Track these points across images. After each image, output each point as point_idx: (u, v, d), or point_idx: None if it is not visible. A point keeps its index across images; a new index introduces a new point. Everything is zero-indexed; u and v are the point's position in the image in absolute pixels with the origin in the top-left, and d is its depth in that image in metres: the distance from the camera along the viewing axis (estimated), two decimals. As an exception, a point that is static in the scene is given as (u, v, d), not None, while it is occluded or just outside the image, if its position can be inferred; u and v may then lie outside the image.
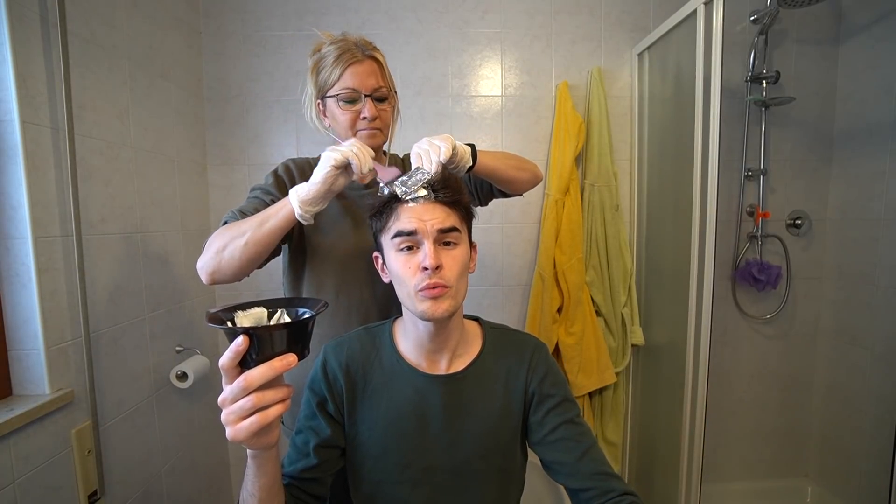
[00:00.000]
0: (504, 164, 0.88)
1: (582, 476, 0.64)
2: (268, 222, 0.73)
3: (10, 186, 0.91)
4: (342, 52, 0.85)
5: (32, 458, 0.92)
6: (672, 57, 1.47)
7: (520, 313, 1.75)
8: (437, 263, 0.62)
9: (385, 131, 0.92)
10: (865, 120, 1.63)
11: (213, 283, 0.77)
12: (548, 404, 0.71)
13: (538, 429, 0.71)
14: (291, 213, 0.72)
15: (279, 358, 0.43)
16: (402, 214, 0.65)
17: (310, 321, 0.47)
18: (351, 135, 0.88)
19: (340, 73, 0.85)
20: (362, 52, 0.86)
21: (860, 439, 1.62)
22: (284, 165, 0.94)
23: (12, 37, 0.88)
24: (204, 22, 1.61)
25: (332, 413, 0.71)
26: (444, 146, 0.71)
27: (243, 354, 0.43)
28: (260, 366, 0.43)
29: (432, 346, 0.70)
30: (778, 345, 1.81)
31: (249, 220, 0.75)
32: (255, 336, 0.43)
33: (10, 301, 0.94)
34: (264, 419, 0.43)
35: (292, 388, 0.48)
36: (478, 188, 1.00)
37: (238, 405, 0.43)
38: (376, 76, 0.88)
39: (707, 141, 1.24)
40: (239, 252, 0.73)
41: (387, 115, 0.91)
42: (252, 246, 0.73)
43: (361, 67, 0.86)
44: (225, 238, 0.75)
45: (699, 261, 1.29)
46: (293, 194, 0.72)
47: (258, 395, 0.43)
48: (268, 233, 0.73)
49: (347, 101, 0.86)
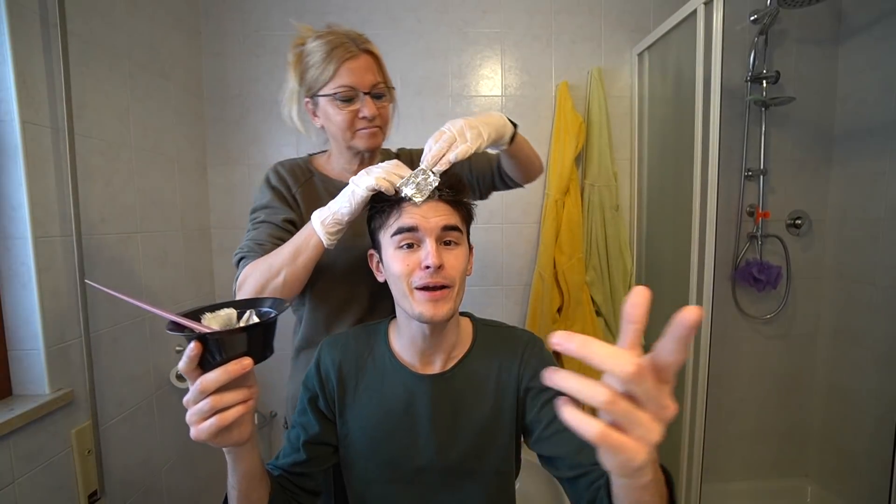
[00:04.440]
0: (527, 149, 0.89)
1: (583, 466, 0.62)
2: (300, 256, 0.72)
3: (10, 186, 0.91)
4: (334, 48, 0.79)
5: (32, 458, 0.92)
6: (672, 57, 1.47)
7: (520, 313, 1.75)
8: (439, 262, 0.61)
9: (385, 129, 0.88)
10: (865, 120, 1.63)
11: None
12: (543, 397, 0.69)
13: (535, 425, 0.69)
14: (320, 242, 0.71)
15: (235, 362, 0.44)
16: (405, 212, 0.64)
17: (263, 325, 0.47)
18: (349, 135, 0.83)
19: (335, 69, 0.79)
20: (357, 47, 0.80)
21: (860, 439, 1.62)
22: (275, 173, 0.89)
23: (12, 37, 0.88)
24: (204, 22, 1.61)
25: (323, 410, 0.71)
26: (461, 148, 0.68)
27: (200, 358, 0.44)
28: (215, 370, 0.43)
29: (427, 347, 0.69)
30: (778, 345, 1.81)
31: (278, 255, 0.73)
32: (210, 341, 0.44)
33: (10, 301, 0.94)
34: (223, 421, 0.44)
35: (256, 389, 0.48)
36: (479, 180, 0.97)
37: (197, 407, 0.44)
38: (373, 72, 0.82)
39: (707, 141, 1.24)
40: (279, 291, 0.72)
41: (386, 113, 0.86)
42: (291, 283, 0.73)
43: (357, 63, 0.80)
44: (261, 277, 0.73)
45: (699, 261, 1.29)
46: (318, 225, 0.70)
47: (216, 398, 0.44)
48: (303, 266, 0.72)
49: (344, 99, 0.80)
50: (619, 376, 0.30)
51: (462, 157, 0.67)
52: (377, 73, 0.83)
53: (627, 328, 0.32)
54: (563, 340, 0.30)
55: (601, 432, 0.30)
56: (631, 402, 0.31)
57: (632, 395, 0.31)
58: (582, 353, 0.30)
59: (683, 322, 0.29)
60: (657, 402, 0.31)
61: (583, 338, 0.30)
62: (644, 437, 0.31)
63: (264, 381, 1.70)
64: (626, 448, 0.31)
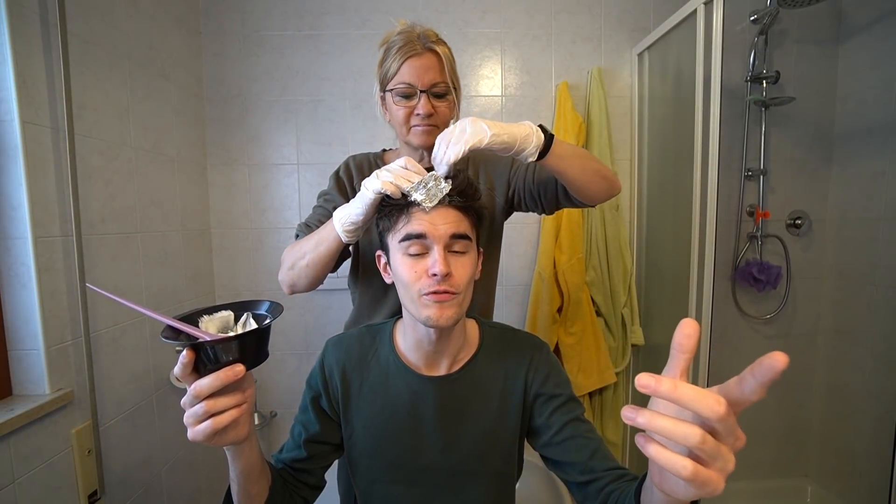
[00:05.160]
0: (580, 165, 0.78)
1: (595, 472, 0.63)
2: (321, 246, 0.77)
3: (10, 186, 0.91)
4: (402, 45, 0.82)
5: (32, 458, 0.92)
6: (672, 57, 1.47)
7: (520, 313, 1.75)
8: (446, 271, 0.60)
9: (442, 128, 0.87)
10: (865, 120, 1.63)
11: (292, 293, 0.85)
12: (553, 404, 0.70)
13: (545, 430, 0.70)
14: (339, 237, 0.73)
15: (227, 369, 0.45)
16: (413, 218, 0.63)
17: (256, 332, 0.48)
18: (405, 131, 0.86)
19: (399, 66, 0.82)
20: (422, 45, 0.82)
21: (860, 439, 1.62)
22: (345, 165, 0.95)
23: (12, 37, 0.88)
24: (204, 22, 1.61)
25: (325, 409, 0.72)
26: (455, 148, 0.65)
27: (195, 363, 0.46)
28: (208, 376, 0.45)
29: (433, 351, 0.69)
30: (778, 345, 1.81)
31: (308, 240, 0.79)
32: (203, 348, 0.45)
33: (10, 301, 0.94)
34: (217, 424, 0.45)
35: (252, 392, 0.50)
36: (541, 194, 0.89)
37: (192, 410, 0.45)
38: (435, 71, 0.83)
39: (707, 141, 1.24)
40: (304, 271, 0.80)
41: (444, 112, 0.86)
42: (313, 266, 0.79)
43: (420, 61, 0.82)
44: (293, 256, 0.81)
45: (699, 261, 1.29)
46: (337, 221, 0.73)
47: (209, 403, 0.45)
48: (323, 254, 0.77)
49: (403, 95, 0.83)
50: (713, 418, 0.31)
51: (456, 158, 0.65)
52: (439, 73, 0.84)
53: (679, 357, 0.35)
54: (654, 384, 0.32)
55: (695, 471, 0.32)
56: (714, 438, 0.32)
57: (713, 431, 0.32)
58: (673, 396, 0.31)
59: (773, 367, 0.31)
60: (733, 435, 0.33)
61: (671, 381, 0.31)
62: (724, 469, 0.34)
63: (264, 382, 1.70)
64: (711, 481, 0.33)
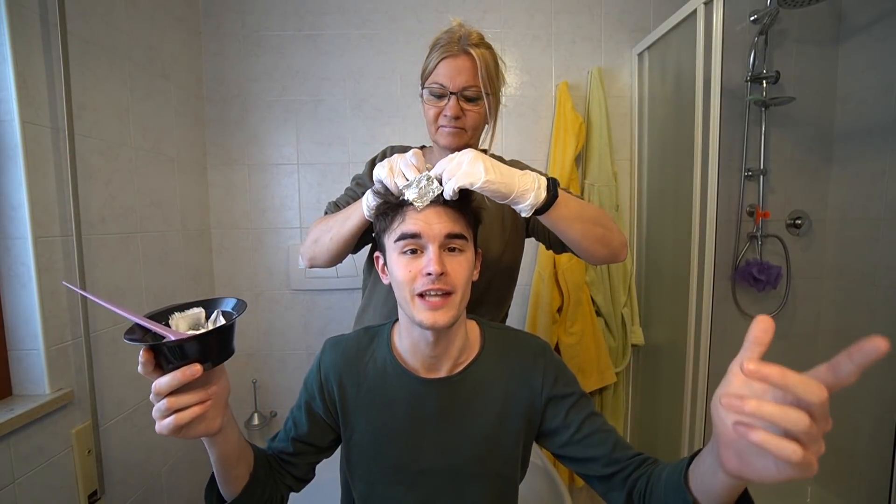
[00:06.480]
0: (581, 229, 0.72)
1: (619, 462, 0.64)
2: (348, 221, 0.78)
3: (10, 186, 0.91)
4: (442, 45, 0.83)
5: (32, 458, 0.92)
6: (672, 57, 1.47)
7: (520, 313, 1.75)
8: (441, 269, 0.60)
9: (471, 132, 0.86)
10: (865, 120, 1.63)
11: (311, 267, 0.87)
12: (567, 403, 0.69)
13: (563, 430, 0.69)
14: (363, 213, 0.74)
15: (185, 368, 0.46)
16: (408, 217, 0.63)
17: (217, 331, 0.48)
18: (433, 130, 0.87)
19: (435, 64, 0.83)
20: (461, 46, 0.82)
21: (860, 439, 1.62)
22: (382, 153, 0.97)
23: (12, 37, 0.88)
24: (204, 22, 1.61)
25: (317, 412, 0.71)
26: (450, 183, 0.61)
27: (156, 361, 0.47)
28: (167, 375, 0.46)
29: (431, 353, 0.68)
30: (778, 345, 1.78)
31: (336, 216, 0.81)
32: (162, 349, 0.46)
33: (10, 301, 0.94)
34: (179, 420, 0.46)
35: (216, 388, 0.50)
36: (547, 233, 0.87)
37: (156, 406, 0.47)
38: (468, 74, 0.82)
39: (707, 141, 1.24)
40: (326, 245, 0.82)
41: (474, 117, 0.85)
42: (335, 241, 0.81)
43: (455, 62, 0.82)
44: (318, 230, 0.84)
45: (699, 261, 1.29)
46: (364, 198, 0.73)
47: (171, 399, 0.46)
48: (348, 231, 0.78)
49: (435, 94, 0.84)
50: (816, 402, 0.33)
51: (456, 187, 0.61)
52: (472, 76, 0.82)
53: (754, 349, 0.37)
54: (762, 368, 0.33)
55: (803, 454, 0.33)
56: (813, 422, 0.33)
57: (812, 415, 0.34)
58: (782, 382, 0.33)
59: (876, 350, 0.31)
60: (825, 419, 0.34)
61: (779, 368, 0.33)
62: (818, 451, 0.35)
63: (264, 382, 1.70)
64: (812, 464, 0.35)
